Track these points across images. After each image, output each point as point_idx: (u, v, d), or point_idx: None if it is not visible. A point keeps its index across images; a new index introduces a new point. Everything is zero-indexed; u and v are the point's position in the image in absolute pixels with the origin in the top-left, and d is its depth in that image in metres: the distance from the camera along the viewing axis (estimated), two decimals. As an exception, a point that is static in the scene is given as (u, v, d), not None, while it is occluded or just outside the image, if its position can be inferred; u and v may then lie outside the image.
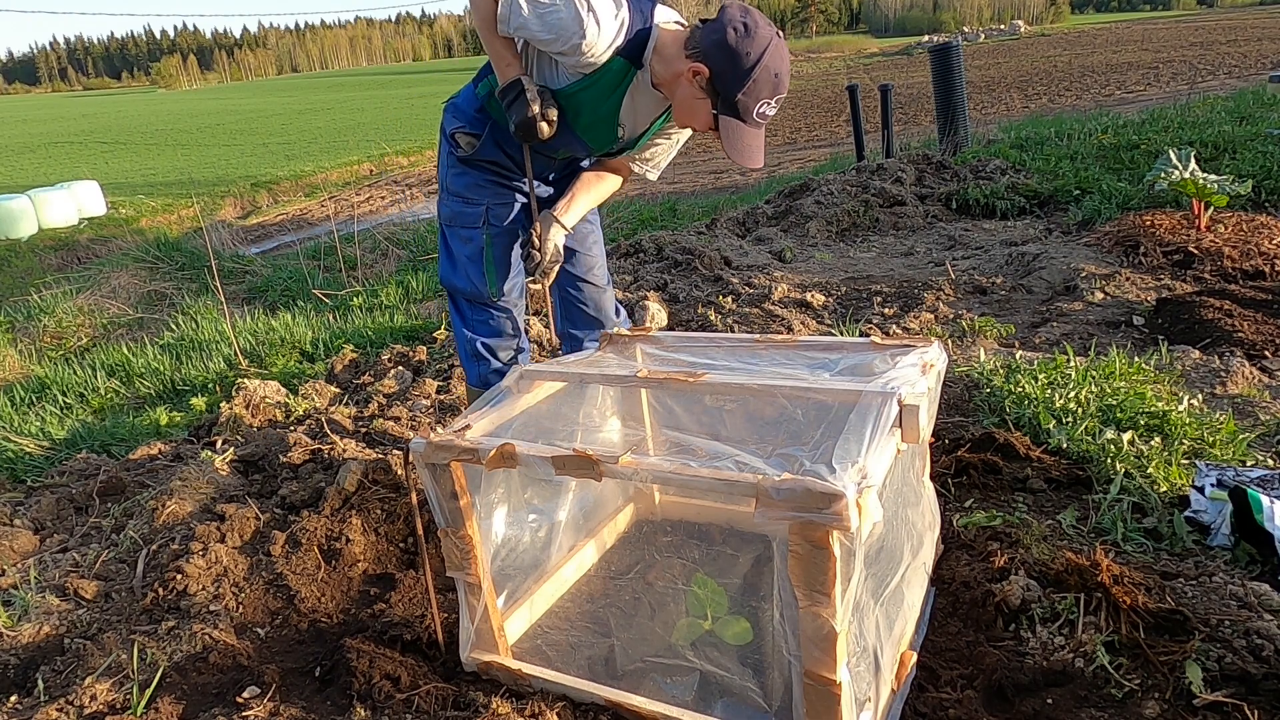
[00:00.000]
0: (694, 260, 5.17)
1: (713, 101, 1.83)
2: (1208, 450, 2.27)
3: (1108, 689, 1.48)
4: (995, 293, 4.23)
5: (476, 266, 2.24)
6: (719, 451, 1.40)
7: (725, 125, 1.83)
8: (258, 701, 1.64)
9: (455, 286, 2.29)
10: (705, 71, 1.80)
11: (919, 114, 16.33)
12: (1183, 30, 36.54)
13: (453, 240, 2.26)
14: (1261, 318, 3.34)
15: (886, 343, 1.79)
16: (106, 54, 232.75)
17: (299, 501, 2.54)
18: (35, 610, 2.05)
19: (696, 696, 1.54)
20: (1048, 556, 1.80)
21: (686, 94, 1.86)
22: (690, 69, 1.82)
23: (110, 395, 4.70)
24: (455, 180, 2.21)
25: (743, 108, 1.80)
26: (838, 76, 32.39)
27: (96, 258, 11.01)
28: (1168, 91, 15.45)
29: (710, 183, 12.07)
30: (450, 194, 2.23)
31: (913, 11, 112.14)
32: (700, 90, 1.83)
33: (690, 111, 1.89)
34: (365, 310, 5.73)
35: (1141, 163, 6.25)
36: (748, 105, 1.80)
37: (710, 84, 1.80)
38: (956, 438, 2.48)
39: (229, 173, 18.04)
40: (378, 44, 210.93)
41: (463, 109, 2.17)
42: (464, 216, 2.21)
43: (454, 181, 2.21)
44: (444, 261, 2.30)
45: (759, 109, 1.82)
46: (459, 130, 2.16)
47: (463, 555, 1.62)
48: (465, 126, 2.16)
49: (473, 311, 2.31)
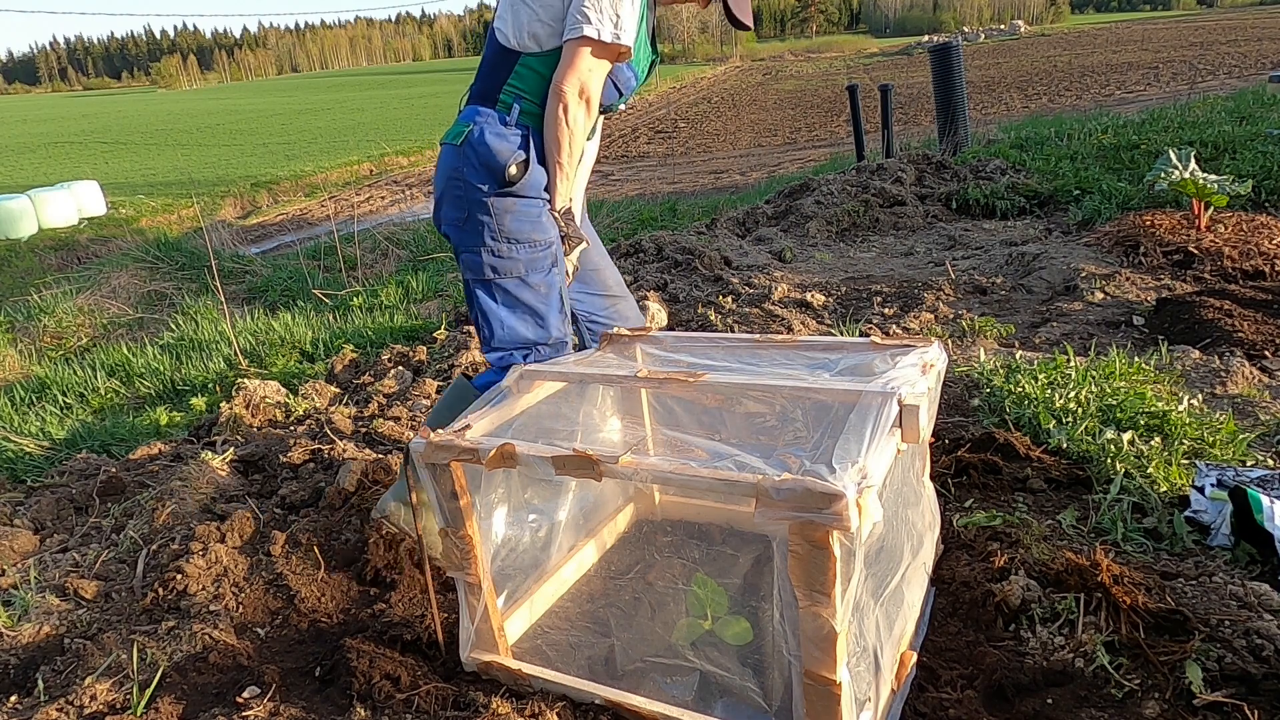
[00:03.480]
0: (694, 260, 5.17)
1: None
2: (1208, 450, 2.27)
3: (1108, 689, 1.48)
4: (995, 293, 4.23)
5: (556, 310, 1.97)
6: (719, 451, 1.40)
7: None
8: (258, 701, 1.64)
9: (526, 341, 1.96)
10: None
11: (919, 114, 16.34)
12: (1183, 30, 36.54)
13: (520, 293, 1.92)
14: (1261, 318, 3.34)
15: (886, 343, 1.79)
16: (106, 54, 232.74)
17: (299, 501, 2.54)
18: (35, 610, 2.05)
19: (696, 696, 1.54)
20: (1048, 556, 1.80)
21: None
22: None
23: (110, 395, 4.70)
24: (515, 223, 1.87)
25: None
26: (838, 76, 32.40)
27: (96, 258, 11.01)
28: (1168, 91, 15.46)
29: (710, 183, 12.08)
30: (510, 242, 1.87)
31: (913, 11, 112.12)
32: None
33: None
34: (365, 310, 5.73)
35: (1141, 163, 6.25)
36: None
37: None
38: (956, 438, 2.48)
39: (229, 173, 18.04)
40: (378, 44, 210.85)
41: (503, 133, 1.86)
42: (536, 263, 1.91)
43: (514, 225, 1.87)
44: (499, 324, 1.94)
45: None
46: (513, 159, 1.85)
47: (463, 555, 1.62)
48: (515, 151, 1.85)
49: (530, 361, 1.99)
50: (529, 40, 1.84)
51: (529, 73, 1.86)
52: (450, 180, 1.90)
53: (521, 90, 1.87)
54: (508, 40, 1.87)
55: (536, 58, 1.85)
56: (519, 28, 1.85)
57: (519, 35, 1.85)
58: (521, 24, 1.84)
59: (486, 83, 1.90)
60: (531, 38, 1.84)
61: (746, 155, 14.97)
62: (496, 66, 1.89)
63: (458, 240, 1.94)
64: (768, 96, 27.50)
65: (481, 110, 1.89)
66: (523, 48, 1.85)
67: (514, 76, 1.87)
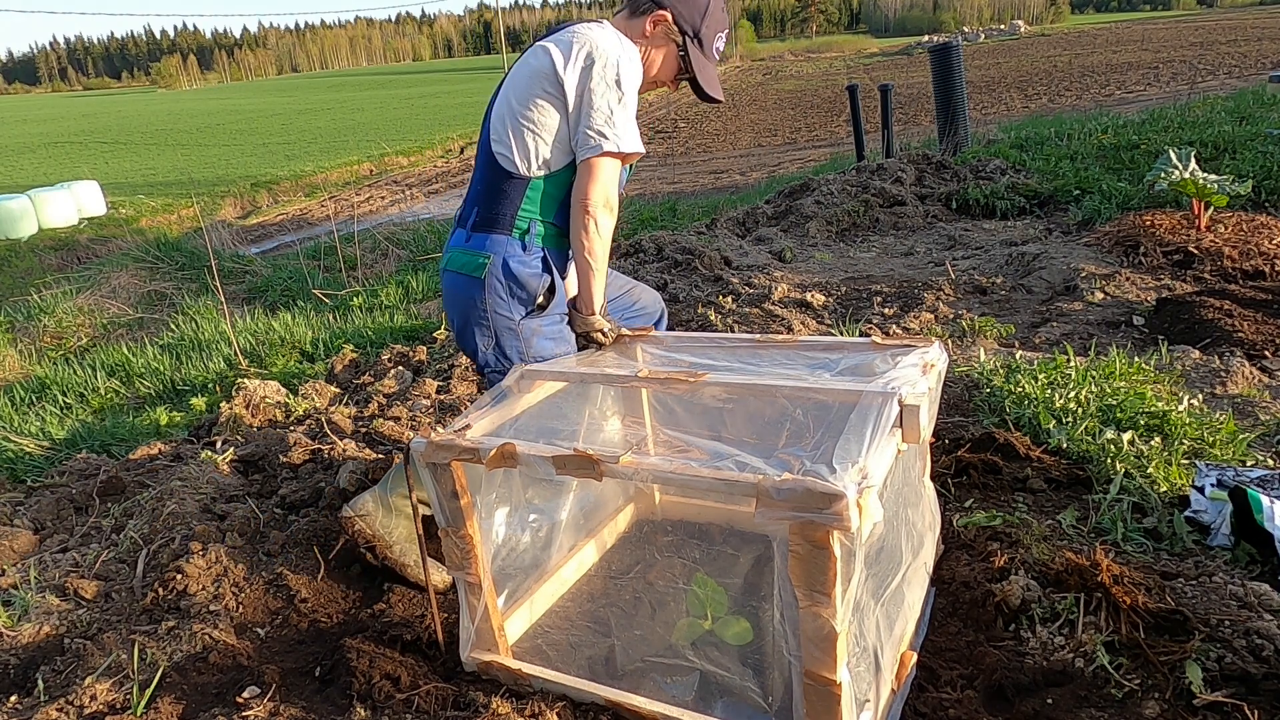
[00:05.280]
0: (694, 260, 5.17)
1: (678, 44, 1.96)
2: (1208, 450, 2.27)
3: (1108, 689, 1.48)
4: (995, 293, 4.23)
5: None
6: (720, 451, 1.40)
7: (696, 60, 1.98)
8: (258, 701, 1.64)
9: None
10: (666, 16, 1.94)
11: (919, 114, 16.34)
12: (1183, 30, 36.54)
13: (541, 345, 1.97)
14: (1261, 318, 3.34)
15: (887, 343, 1.79)
16: (106, 54, 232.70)
17: (299, 501, 2.54)
18: (35, 610, 2.05)
19: (696, 696, 1.55)
20: (1048, 556, 1.80)
21: (648, 47, 1.97)
22: (650, 20, 1.95)
23: (110, 395, 4.70)
24: (542, 343, 1.95)
25: (705, 39, 1.98)
26: (838, 76, 32.40)
27: (96, 258, 11.01)
28: (1168, 91, 15.46)
29: (710, 183, 12.08)
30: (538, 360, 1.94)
31: (913, 11, 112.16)
32: (663, 36, 1.96)
33: (655, 63, 1.99)
34: (365, 310, 5.73)
35: (1141, 163, 6.25)
36: (709, 36, 1.98)
37: (675, 24, 1.94)
38: (956, 438, 2.48)
39: (229, 173, 18.04)
40: (378, 44, 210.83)
41: (526, 261, 1.90)
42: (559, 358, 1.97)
43: (540, 345, 1.94)
44: None
45: (715, 43, 2.00)
46: (541, 286, 1.91)
47: (463, 555, 1.62)
48: (542, 278, 1.91)
49: None
50: (540, 167, 1.88)
51: (542, 195, 1.90)
52: (475, 312, 1.93)
53: (535, 214, 1.91)
54: (516, 167, 1.88)
55: (547, 179, 1.90)
56: (531, 155, 1.87)
57: (531, 161, 1.87)
58: (531, 151, 1.87)
59: (492, 209, 1.91)
60: (540, 162, 1.87)
61: (746, 155, 14.97)
62: (503, 192, 1.91)
63: (484, 362, 1.98)
64: (768, 96, 27.50)
65: (494, 238, 1.90)
66: (531, 172, 1.88)
67: (526, 200, 1.89)
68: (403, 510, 2.04)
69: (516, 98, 1.88)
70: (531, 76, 1.86)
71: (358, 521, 2.02)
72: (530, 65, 1.88)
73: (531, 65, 1.87)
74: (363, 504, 2.04)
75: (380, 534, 2.02)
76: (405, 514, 2.04)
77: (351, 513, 2.03)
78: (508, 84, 1.95)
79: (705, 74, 2.00)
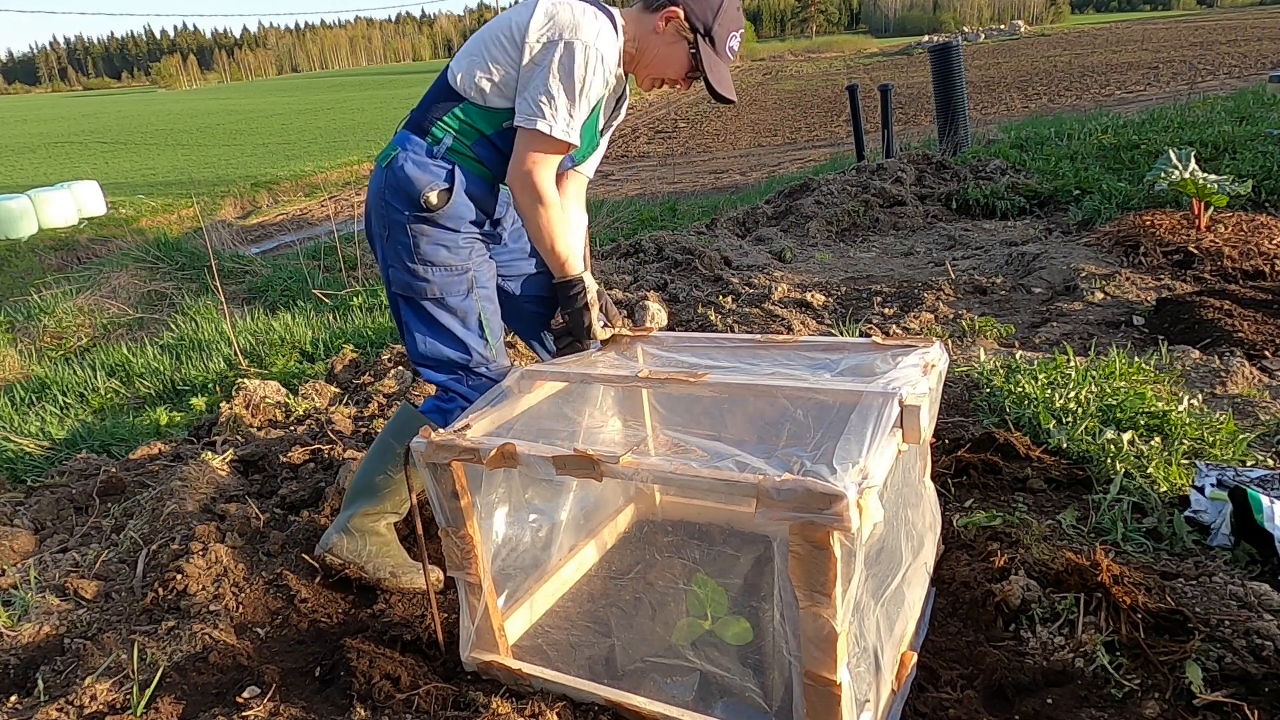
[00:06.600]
0: (694, 260, 5.17)
1: (689, 41, 1.94)
2: (1208, 450, 2.27)
3: (1108, 689, 1.48)
4: (995, 293, 4.23)
5: (475, 335, 2.01)
6: (720, 452, 1.40)
7: (707, 59, 1.95)
8: (258, 701, 1.64)
9: (449, 360, 2.00)
10: (678, 13, 1.91)
11: (919, 114, 16.34)
12: (1183, 30, 36.55)
13: (437, 314, 1.98)
14: (1261, 318, 3.34)
15: (887, 343, 1.79)
16: (106, 54, 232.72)
17: (299, 501, 2.54)
18: (35, 610, 2.05)
19: (696, 696, 1.54)
20: (1048, 556, 1.80)
21: (660, 44, 1.95)
22: (662, 15, 1.92)
23: (110, 395, 4.70)
24: (430, 247, 1.93)
25: (718, 38, 1.94)
26: (838, 76, 32.39)
27: (96, 258, 11.01)
28: (1168, 91, 15.46)
29: (710, 183, 12.08)
30: (426, 264, 1.94)
31: (913, 11, 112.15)
32: (674, 34, 1.93)
33: (666, 61, 1.97)
34: (365, 310, 5.73)
35: (1141, 163, 6.25)
36: (722, 35, 1.95)
37: (687, 21, 1.92)
38: (956, 438, 2.48)
39: (229, 173, 18.05)
40: (378, 44, 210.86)
41: (425, 164, 1.92)
42: (450, 287, 1.96)
43: (429, 249, 1.93)
44: (420, 338, 2.00)
45: (729, 42, 1.97)
46: (431, 188, 1.90)
47: (463, 555, 1.62)
48: (435, 182, 1.91)
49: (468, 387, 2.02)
50: (473, 89, 1.90)
51: (464, 119, 1.93)
52: (375, 198, 1.98)
53: (453, 130, 1.93)
54: (455, 81, 1.92)
55: (476, 108, 1.92)
56: (469, 75, 1.90)
57: (467, 81, 1.90)
58: (472, 73, 1.90)
59: (425, 113, 1.96)
60: (476, 89, 1.90)
61: (746, 155, 14.97)
62: (438, 101, 1.95)
63: (380, 255, 2.02)
64: (768, 96, 27.50)
65: (411, 138, 1.95)
66: (465, 93, 1.91)
67: (450, 115, 1.93)
68: (366, 528, 2.08)
69: (490, 29, 1.93)
70: (509, 20, 1.91)
71: (328, 558, 2.09)
72: (517, 11, 1.92)
73: (517, 11, 1.91)
74: (330, 541, 2.10)
75: (351, 559, 2.07)
76: (369, 530, 2.09)
77: (322, 551, 2.11)
78: (497, 17, 1.99)
79: (717, 73, 1.98)
